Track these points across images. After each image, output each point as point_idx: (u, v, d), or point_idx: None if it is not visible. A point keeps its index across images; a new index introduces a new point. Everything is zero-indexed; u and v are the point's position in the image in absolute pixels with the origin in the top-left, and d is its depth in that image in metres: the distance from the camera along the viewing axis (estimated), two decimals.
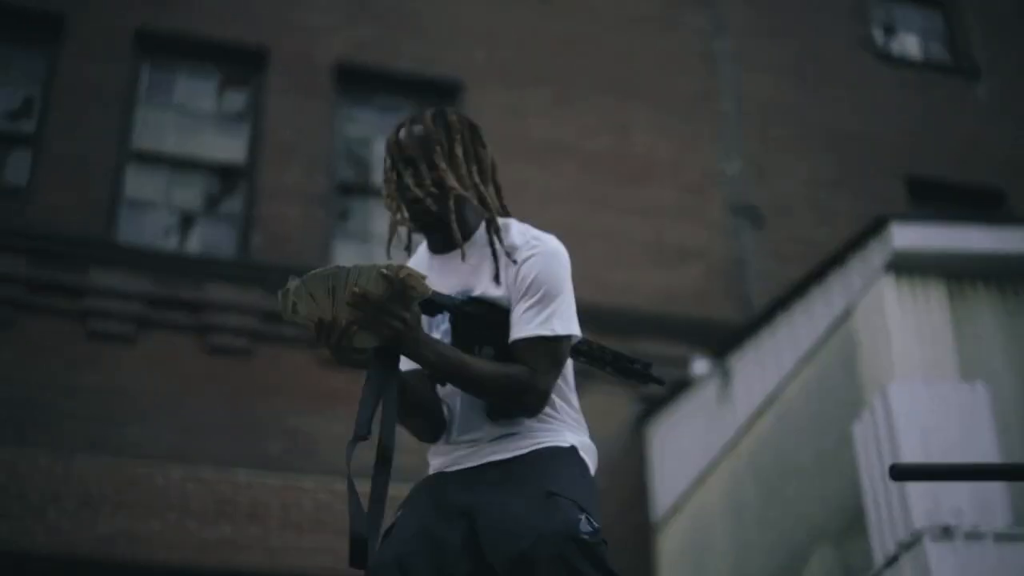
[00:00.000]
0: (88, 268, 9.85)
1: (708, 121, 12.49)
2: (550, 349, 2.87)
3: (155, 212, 10.69)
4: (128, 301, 9.81)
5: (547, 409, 2.94)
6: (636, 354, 3.17)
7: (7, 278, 9.65)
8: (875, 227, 7.73)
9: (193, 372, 9.76)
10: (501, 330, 2.90)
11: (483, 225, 3.00)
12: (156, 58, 11.32)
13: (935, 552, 6.66)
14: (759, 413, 8.83)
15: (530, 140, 11.66)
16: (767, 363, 8.86)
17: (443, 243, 3.02)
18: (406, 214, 2.99)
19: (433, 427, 3.01)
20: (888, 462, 7.00)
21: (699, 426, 9.65)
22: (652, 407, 10.33)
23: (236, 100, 11.48)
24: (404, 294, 2.68)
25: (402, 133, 3.01)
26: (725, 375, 9.35)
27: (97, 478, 9.09)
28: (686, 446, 9.81)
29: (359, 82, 11.66)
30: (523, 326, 2.87)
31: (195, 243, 10.72)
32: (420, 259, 3.09)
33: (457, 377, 2.83)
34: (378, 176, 11.35)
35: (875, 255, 7.69)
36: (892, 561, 6.91)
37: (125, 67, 10.98)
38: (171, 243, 10.66)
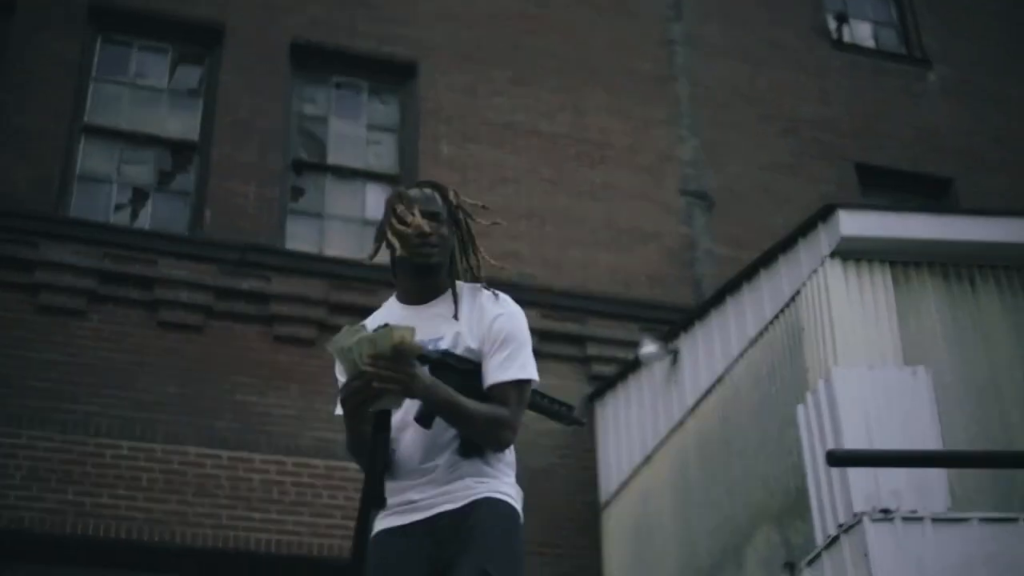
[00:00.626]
0: (39, 242, 9.80)
1: (663, 105, 12.56)
2: (522, 391, 3.40)
3: (107, 187, 10.65)
4: (79, 276, 9.78)
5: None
6: (588, 334, 3.53)
7: None
8: (823, 214, 7.84)
9: (144, 347, 9.75)
10: (471, 378, 3.34)
11: (454, 284, 3.48)
12: (110, 33, 11.26)
13: (874, 534, 6.79)
14: (706, 395, 8.93)
15: (486, 120, 11.70)
16: (715, 345, 8.96)
17: (418, 293, 3.47)
18: (412, 251, 3.41)
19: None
20: (831, 445, 7.11)
21: (647, 406, 9.75)
22: (602, 387, 10.41)
23: (190, 76, 11.43)
24: (402, 354, 3.12)
25: (427, 191, 3.52)
26: (674, 356, 9.44)
27: (46, 451, 9.08)
28: (634, 426, 9.90)
29: (315, 60, 11.64)
30: (502, 372, 3.37)
31: (147, 219, 10.68)
32: (391, 310, 3.51)
33: (454, 415, 3.26)
34: (333, 155, 11.35)
35: (823, 241, 7.79)
36: (832, 542, 7.03)
37: (79, 41, 10.91)
38: (123, 218, 10.63)
